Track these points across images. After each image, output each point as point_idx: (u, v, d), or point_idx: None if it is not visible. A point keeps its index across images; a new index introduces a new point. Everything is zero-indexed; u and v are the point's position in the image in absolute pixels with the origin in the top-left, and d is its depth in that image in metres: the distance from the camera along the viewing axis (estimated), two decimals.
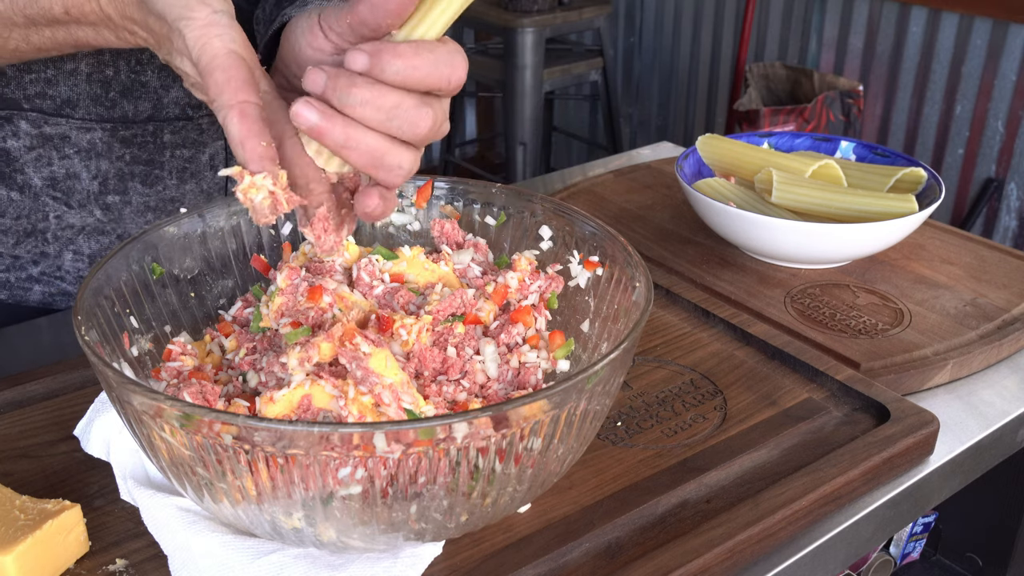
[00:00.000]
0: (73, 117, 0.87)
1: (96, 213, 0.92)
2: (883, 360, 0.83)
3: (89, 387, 0.77)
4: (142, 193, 0.93)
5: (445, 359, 0.64)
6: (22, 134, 0.87)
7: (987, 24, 2.49)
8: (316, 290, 0.65)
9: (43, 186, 0.89)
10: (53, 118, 0.87)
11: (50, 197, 0.90)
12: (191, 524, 0.59)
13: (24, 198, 0.89)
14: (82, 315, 0.59)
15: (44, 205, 0.90)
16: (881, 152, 1.08)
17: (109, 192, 0.91)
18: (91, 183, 0.90)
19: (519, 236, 0.76)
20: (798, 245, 0.94)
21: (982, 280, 0.97)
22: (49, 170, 0.89)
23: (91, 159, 0.89)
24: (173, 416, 0.50)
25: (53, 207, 0.90)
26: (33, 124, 0.87)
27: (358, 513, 0.53)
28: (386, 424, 0.49)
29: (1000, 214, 2.61)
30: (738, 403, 0.76)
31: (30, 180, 0.89)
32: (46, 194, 0.89)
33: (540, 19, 2.99)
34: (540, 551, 0.61)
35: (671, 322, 0.88)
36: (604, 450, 0.70)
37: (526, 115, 3.09)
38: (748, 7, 2.98)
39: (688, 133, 3.49)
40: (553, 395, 0.52)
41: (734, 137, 1.10)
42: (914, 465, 0.73)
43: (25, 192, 0.89)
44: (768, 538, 0.64)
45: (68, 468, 0.68)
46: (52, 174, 0.89)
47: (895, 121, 2.78)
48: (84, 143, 0.88)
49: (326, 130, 0.54)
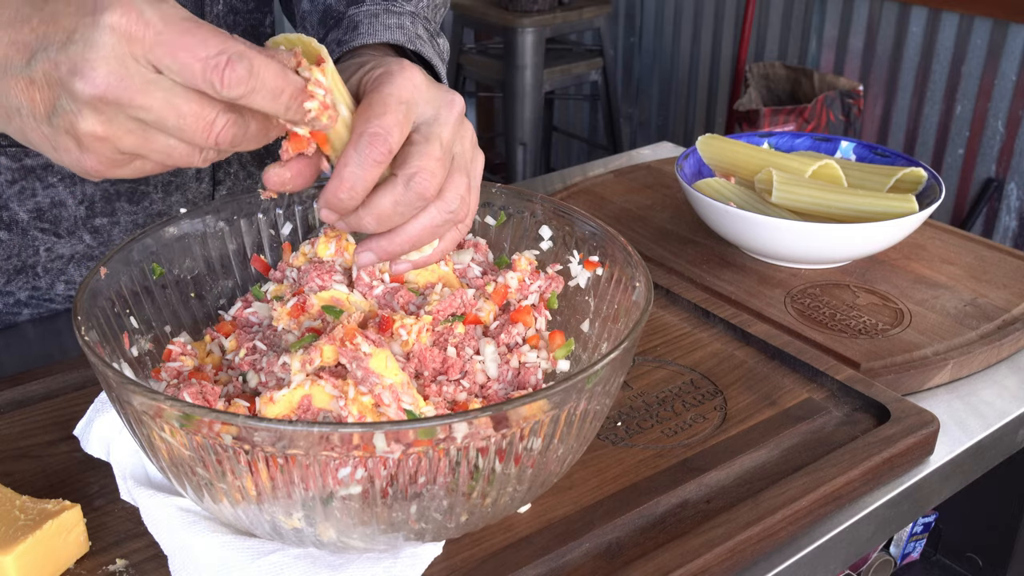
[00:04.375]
0: None
1: (85, 239, 0.90)
2: (883, 360, 0.83)
3: (89, 387, 0.77)
4: (129, 212, 0.92)
5: (445, 359, 0.64)
6: (3, 169, 0.85)
7: (987, 24, 2.49)
8: (298, 308, 0.66)
9: (30, 219, 0.87)
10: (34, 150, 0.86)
11: (38, 230, 0.88)
12: (191, 524, 0.59)
13: (12, 236, 0.88)
14: (82, 315, 0.59)
15: (33, 240, 0.88)
16: (881, 152, 1.08)
17: (96, 215, 0.90)
18: (77, 208, 0.89)
19: (519, 236, 0.76)
20: (798, 245, 0.94)
21: (982, 280, 0.97)
22: (34, 201, 0.87)
23: (75, 184, 0.88)
24: (173, 416, 0.50)
25: (42, 240, 0.89)
26: (13, 158, 0.85)
27: (358, 513, 0.53)
28: (386, 424, 0.49)
29: (1000, 214, 2.61)
30: (738, 403, 0.76)
31: (16, 215, 0.87)
32: (34, 227, 0.88)
33: (540, 19, 2.99)
34: (540, 551, 0.61)
35: (671, 322, 0.88)
36: (604, 450, 0.70)
37: (526, 115, 3.09)
38: (748, 7, 2.98)
39: (688, 133, 3.49)
40: (553, 395, 0.52)
41: (734, 137, 1.10)
42: (914, 465, 0.73)
43: (13, 229, 0.87)
44: (768, 538, 0.64)
45: (68, 468, 0.68)
46: (37, 205, 0.87)
47: (895, 121, 2.78)
48: (67, 170, 0.86)
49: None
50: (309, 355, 0.58)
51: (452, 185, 0.60)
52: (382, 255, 0.61)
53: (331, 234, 0.72)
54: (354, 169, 0.56)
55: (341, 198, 0.56)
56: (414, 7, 0.79)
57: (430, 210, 0.60)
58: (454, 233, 0.63)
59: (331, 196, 0.56)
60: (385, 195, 0.58)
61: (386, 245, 0.60)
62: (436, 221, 0.60)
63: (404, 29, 0.74)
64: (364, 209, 0.58)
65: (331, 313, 0.65)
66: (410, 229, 0.60)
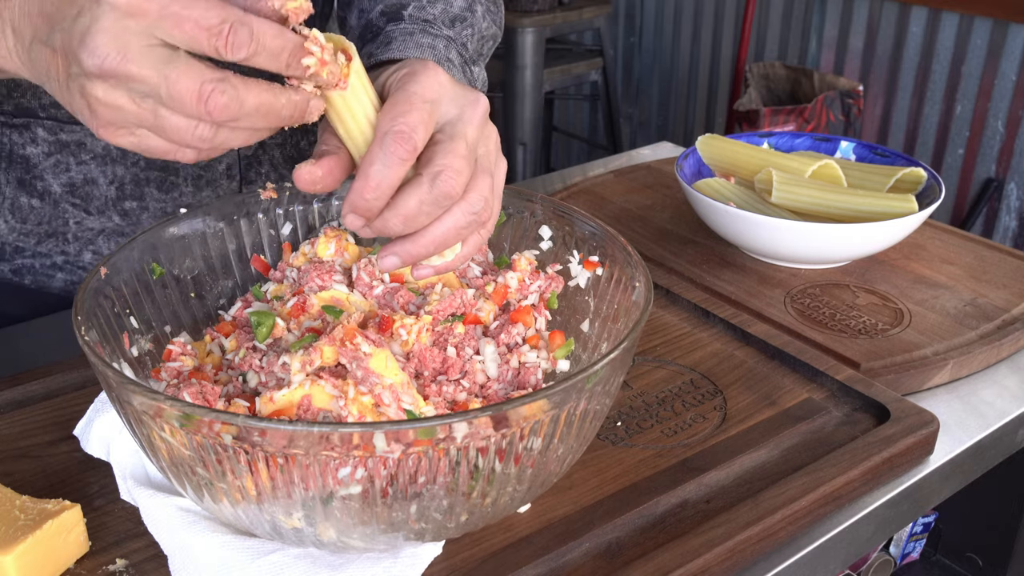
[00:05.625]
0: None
1: (115, 219, 0.93)
2: (883, 360, 0.83)
3: (89, 387, 0.77)
4: (158, 199, 0.93)
5: (445, 359, 0.64)
6: (40, 141, 0.88)
7: (987, 24, 2.49)
8: (297, 308, 0.66)
9: (62, 192, 0.90)
10: (68, 125, 0.88)
11: (69, 204, 0.90)
12: (191, 524, 0.59)
13: (45, 205, 0.91)
14: (82, 315, 0.59)
15: (64, 212, 0.91)
16: (881, 152, 1.08)
17: (126, 198, 0.92)
18: (108, 188, 0.91)
19: (519, 236, 0.76)
20: (798, 245, 0.94)
21: (982, 280, 0.97)
22: (67, 176, 0.90)
23: (107, 164, 0.90)
24: (173, 416, 0.50)
25: (73, 213, 0.91)
26: (49, 131, 0.88)
27: (358, 513, 0.53)
28: (386, 424, 0.49)
29: (1000, 214, 2.61)
30: (738, 403, 0.76)
31: (50, 187, 0.90)
32: (66, 200, 0.90)
33: (540, 19, 2.99)
34: (540, 551, 0.61)
35: (671, 322, 0.88)
36: (604, 450, 0.70)
37: (526, 115, 3.09)
38: (748, 7, 2.98)
39: (688, 133, 3.49)
40: (553, 395, 0.52)
41: (734, 137, 1.10)
42: (914, 465, 0.73)
43: (45, 199, 0.90)
44: (768, 538, 0.64)
45: (68, 468, 0.68)
46: (70, 180, 0.90)
47: (895, 121, 2.78)
48: (99, 149, 0.89)
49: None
50: (309, 355, 0.58)
51: (476, 186, 0.60)
52: (406, 258, 0.60)
53: (331, 234, 0.72)
54: (379, 167, 0.56)
55: (367, 198, 0.56)
56: (454, 33, 0.79)
57: (454, 211, 0.59)
58: (476, 237, 0.62)
59: (357, 197, 0.56)
60: (411, 194, 0.57)
61: (410, 248, 0.60)
62: (460, 222, 0.60)
63: (436, 50, 0.74)
64: (390, 211, 0.58)
65: (331, 313, 0.65)
66: (434, 231, 0.59)
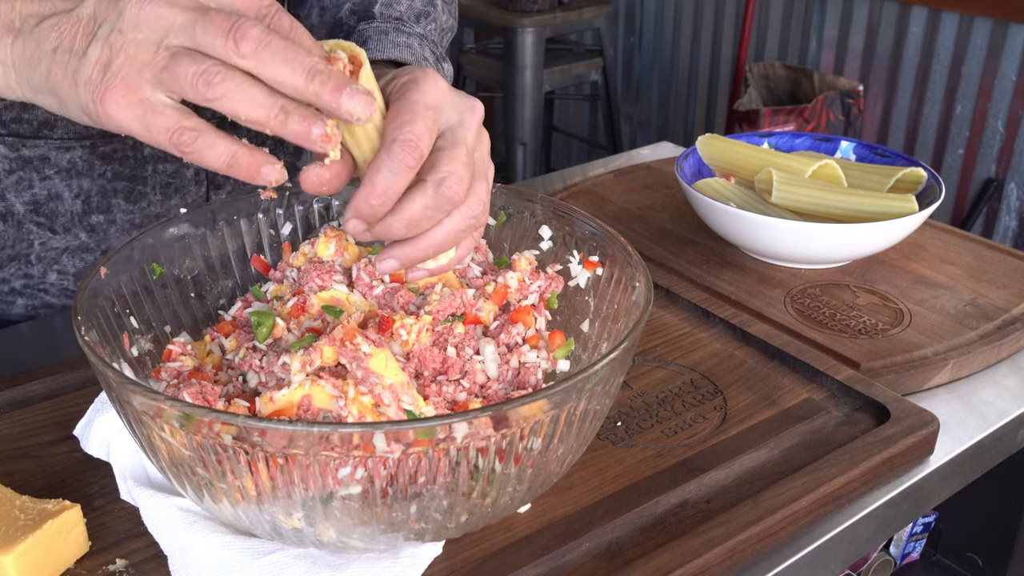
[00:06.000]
0: (51, 138, 0.86)
1: (81, 236, 0.91)
2: (883, 360, 0.83)
3: (89, 387, 0.77)
4: (126, 210, 0.92)
5: (445, 359, 0.64)
6: (0, 158, 0.86)
7: (987, 24, 2.49)
8: (297, 308, 0.66)
9: (26, 211, 0.88)
10: (31, 140, 0.86)
11: (34, 224, 0.88)
12: (191, 524, 0.59)
13: (7, 227, 0.88)
14: (82, 315, 0.59)
15: (28, 233, 0.89)
16: (881, 152, 1.08)
17: (93, 211, 0.90)
18: (74, 203, 0.89)
19: (519, 236, 0.76)
20: (798, 245, 0.94)
21: (982, 280, 0.97)
22: (30, 193, 0.88)
23: (72, 178, 0.88)
24: (173, 416, 0.50)
25: (37, 234, 0.89)
26: (11, 148, 0.86)
27: (358, 513, 0.53)
28: (386, 424, 0.49)
29: (1000, 214, 2.61)
30: (738, 403, 0.76)
31: (12, 206, 0.88)
32: (29, 220, 0.88)
33: (540, 19, 2.99)
34: (540, 551, 0.61)
35: (671, 322, 0.88)
36: (604, 450, 0.70)
37: (526, 115, 3.09)
38: (748, 7, 2.98)
39: (688, 133, 3.49)
40: (553, 395, 0.52)
41: (734, 137, 1.10)
42: (914, 465, 0.73)
43: (8, 220, 0.88)
44: (768, 538, 0.64)
45: (68, 468, 0.68)
46: (34, 197, 0.88)
47: (895, 121, 2.78)
48: (64, 163, 0.88)
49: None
50: (309, 355, 0.58)
51: (475, 191, 0.61)
52: (405, 261, 0.61)
53: (331, 234, 0.72)
54: (387, 175, 0.56)
55: (373, 204, 0.57)
56: (423, 29, 0.80)
57: (454, 215, 0.60)
58: (469, 240, 0.64)
59: (363, 203, 0.57)
60: (416, 200, 0.58)
61: (410, 251, 0.61)
62: (460, 226, 0.61)
63: (412, 49, 0.75)
64: (393, 215, 0.58)
65: (331, 313, 0.65)
66: (434, 235, 0.61)
